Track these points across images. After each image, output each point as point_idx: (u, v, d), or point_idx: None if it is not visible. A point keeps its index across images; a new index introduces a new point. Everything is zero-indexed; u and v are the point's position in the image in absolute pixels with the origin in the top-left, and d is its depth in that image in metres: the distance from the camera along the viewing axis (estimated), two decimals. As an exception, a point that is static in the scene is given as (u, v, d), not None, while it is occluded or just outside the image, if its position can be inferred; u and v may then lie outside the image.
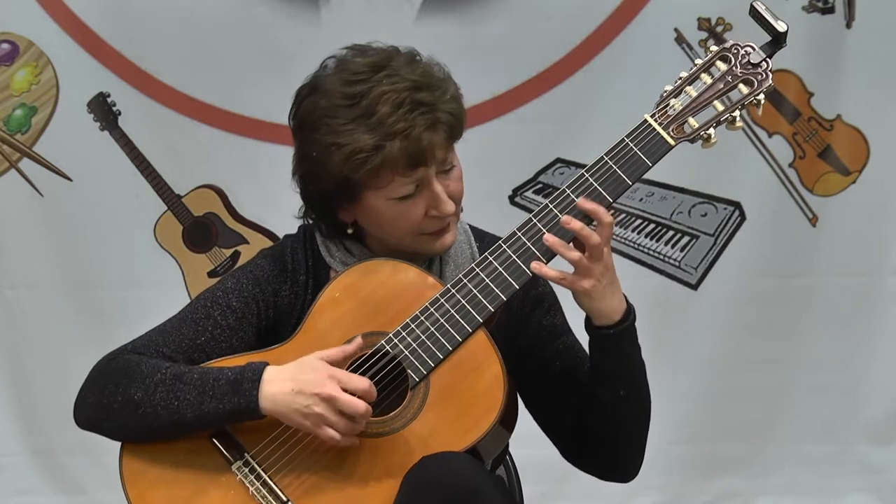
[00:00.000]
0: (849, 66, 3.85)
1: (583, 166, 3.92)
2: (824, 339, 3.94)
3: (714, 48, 2.20)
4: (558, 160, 3.89)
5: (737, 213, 3.92)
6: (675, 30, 3.85)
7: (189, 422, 2.10)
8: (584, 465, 2.30)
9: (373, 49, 2.20)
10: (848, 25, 3.85)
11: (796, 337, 3.95)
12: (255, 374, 2.08)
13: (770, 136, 3.89)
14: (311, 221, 2.30)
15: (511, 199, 3.90)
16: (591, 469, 2.30)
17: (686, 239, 3.93)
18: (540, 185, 3.90)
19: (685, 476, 3.96)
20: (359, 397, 2.05)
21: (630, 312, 2.17)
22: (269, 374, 2.08)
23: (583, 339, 2.25)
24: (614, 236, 4.02)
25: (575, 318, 2.29)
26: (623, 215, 3.85)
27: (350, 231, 2.24)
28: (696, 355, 3.93)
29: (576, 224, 2.10)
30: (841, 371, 3.95)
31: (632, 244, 3.90)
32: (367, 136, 2.11)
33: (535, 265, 2.10)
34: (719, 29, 3.84)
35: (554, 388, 2.27)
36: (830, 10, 3.83)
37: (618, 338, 2.16)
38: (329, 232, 2.27)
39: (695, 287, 3.94)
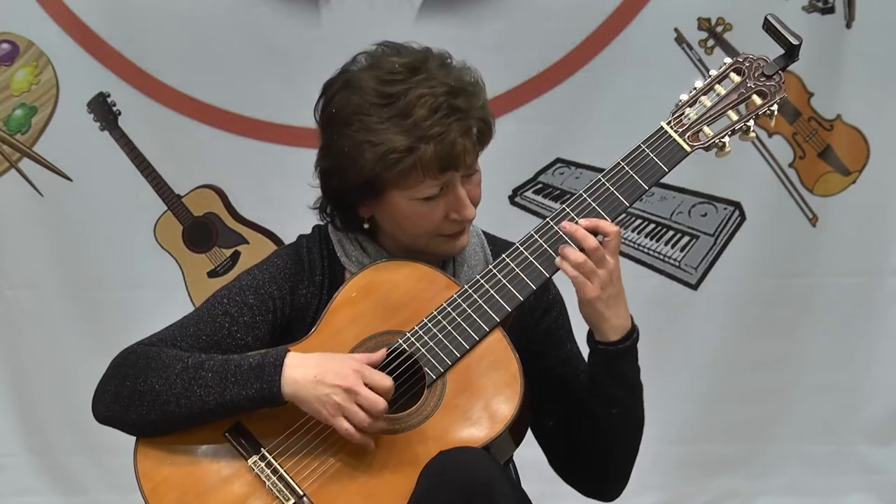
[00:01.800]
0: (849, 66, 3.85)
1: (583, 166, 3.96)
2: (824, 339, 3.94)
3: (727, 60, 2.23)
4: (558, 160, 3.89)
5: (737, 213, 3.92)
6: (675, 30, 3.85)
7: (211, 409, 2.11)
8: (567, 477, 2.32)
9: (406, 48, 2.22)
10: (848, 25, 3.85)
11: (796, 337, 3.95)
12: (277, 359, 2.10)
13: (770, 136, 3.89)
14: (326, 218, 2.30)
15: (511, 199, 3.90)
16: (573, 481, 2.32)
17: (686, 239, 3.93)
18: (540, 185, 3.90)
19: (685, 476, 3.96)
20: (379, 395, 2.07)
21: (633, 332, 2.18)
22: (292, 359, 2.10)
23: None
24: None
25: (578, 328, 2.30)
26: (623, 215, 3.86)
27: (366, 226, 2.25)
28: (696, 355, 3.93)
29: (570, 227, 2.12)
30: (841, 371, 3.95)
31: (632, 244, 3.90)
32: (402, 136, 2.12)
33: (562, 249, 2.12)
34: (719, 29, 3.84)
35: (551, 393, 2.27)
36: (830, 10, 3.83)
37: (615, 356, 2.17)
38: (344, 225, 2.28)
39: (695, 287, 3.94)
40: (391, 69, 2.17)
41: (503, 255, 2.17)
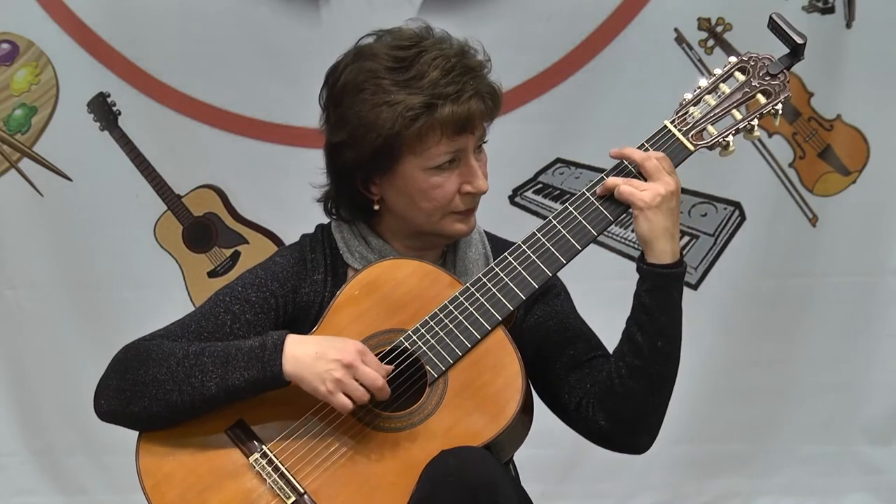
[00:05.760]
0: (849, 66, 3.86)
1: (583, 166, 3.96)
2: (824, 339, 3.94)
3: (732, 59, 2.24)
4: (558, 160, 3.89)
5: (737, 213, 3.92)
6: (675, 30, 3.85)
7: (213, 395, 2.11)
8: (601, 437, 2.25)
9: (407, 27, 2.25)
10: (848, 25, 3.85)
11: (796, 337, 3.95)
12: (278, 339, 2.11)
13: (770, 136, 3.89)
14: (331, 212, 2.31)
15: (511, 199, 3.90)
16: (606, 439, 2.25)
17: (686, 239, 3.93)
18: (540, 185, 3.90)
19: (685, 476, 3.96)
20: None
21: (682, 262, 2.16)
22: (292, 339, 2.11)
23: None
24: (614, 236, 4.04)
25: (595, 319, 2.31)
26: (625, 216, 3.85)
27: (376, 208, 2.25)
28: (696, 355, 3.92)
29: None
30: (841, 371, 3.95)
31: (632, 244, 3.90)
32: (418, 96, 2.15)
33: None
34: (719, 29, 3.84)
35: (574, 371, 2.25)
36: (830, 10, 3.84)
37: (669, 279, 2.14)
38: (351, 213, 2.28)
39: (695, 287, 3.94)
40: (402, 36, 2.21)
41: (505, 254, 2.17)
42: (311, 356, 2.09)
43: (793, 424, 3.97)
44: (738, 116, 2.20)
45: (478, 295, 2.15)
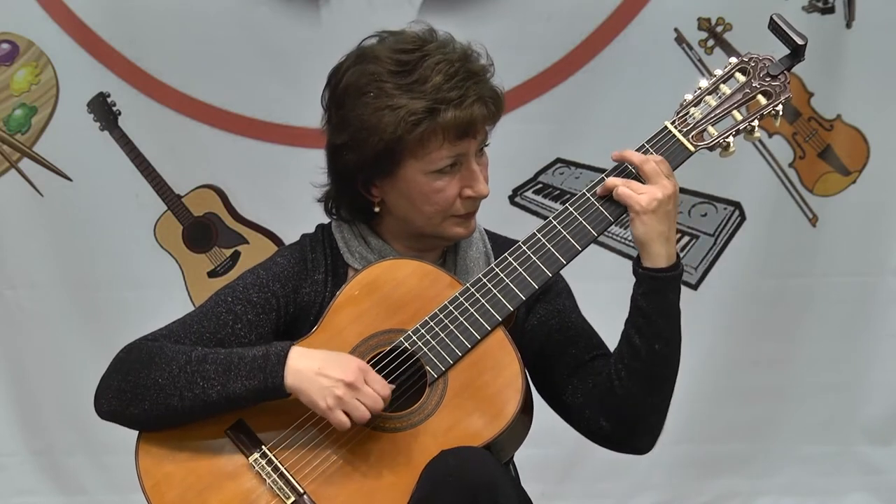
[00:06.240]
0: (849, 66, 3.86)
1: (583, 166, 3.96)
2: (824, 339, 3.94)
3: (733, 60, 2.24)
4: (558, 160, 3.89)
5: (737, 213, 3.92)
6: (675, 30, 3.85)
7: (213, 402, 2.11)
8: (602, 437, 2.25)
9: (410, 30, 2.25)
10: (848, 25, 3.85)
11: (796, 337, 3.95)
12: (282, 351, 2.11)
13: (770, 136, 3.89)
14: (331, 212, 2.32)
15: (511, 199, 3.90)
16: (607, 439, 2.25)
17: (686, 239, 3.93)
18: (540, 185, 3.90)
19: (685, 476, 3.96)
20: None
21: (678, 265, 2.16)
22: (295, 352, 2.11)
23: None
24: (614, 236, 4.04)
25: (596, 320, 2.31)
26: (625, 216, 3.86)
27: (376, 210, 2.25)
28: (696, 355, 3.92)
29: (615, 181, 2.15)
30: (841, 371, 3.96)
31: (632, 244, 3.89)
32: (421, 100, 2.14)
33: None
34: (719, 29, 3.84)
35: (574, 369, 2.25)
36: (830, 10, 3.84)
37: (665, 282, 2.15)
38: (351, 214, 2.28)
39: (695, 287, 3.94)
40: (405, 39, 2.21)
41: (505, 254, 2.17)
42: (314, 371, 2.08)
43: (793, 424, 3.97)
44: (739, 117, 2.20)
45: (478, 295, 2.15)
